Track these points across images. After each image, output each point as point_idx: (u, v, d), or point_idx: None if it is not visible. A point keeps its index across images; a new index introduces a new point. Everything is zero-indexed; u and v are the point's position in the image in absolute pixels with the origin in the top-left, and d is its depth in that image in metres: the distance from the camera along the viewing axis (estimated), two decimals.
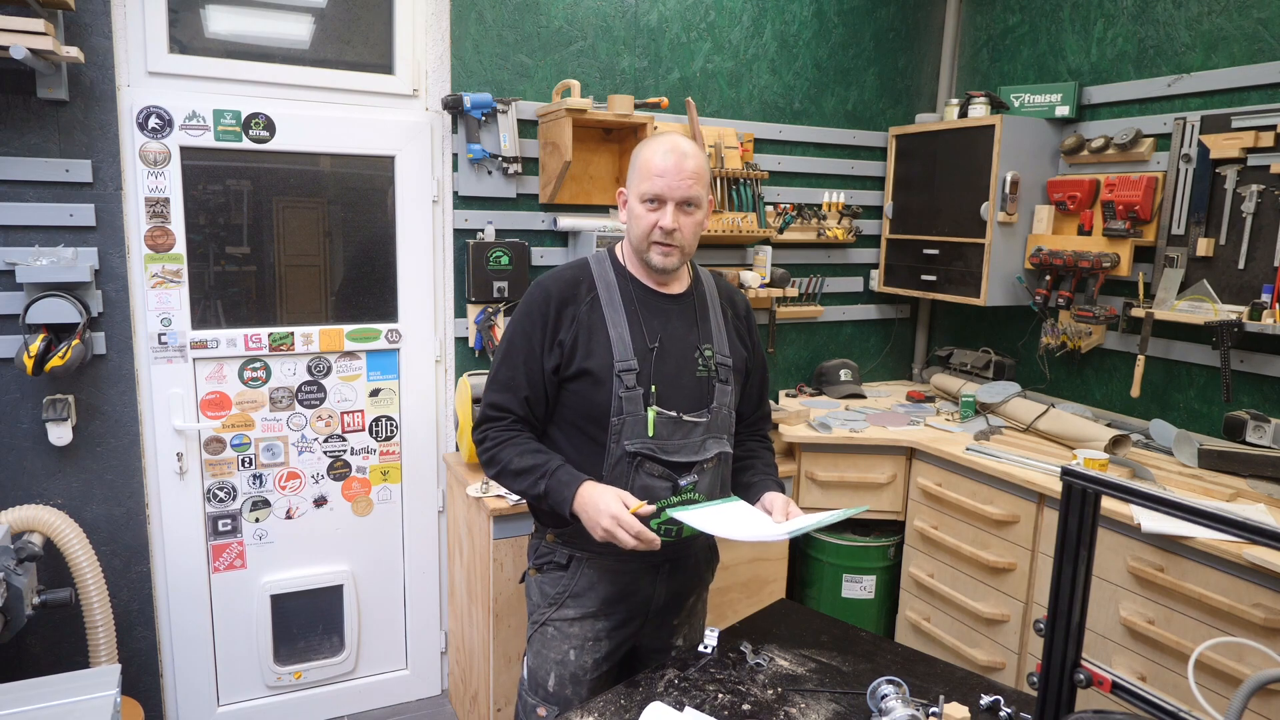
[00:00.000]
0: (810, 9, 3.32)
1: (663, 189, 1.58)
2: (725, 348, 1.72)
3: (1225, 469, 2.42)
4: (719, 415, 1.68)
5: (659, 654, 1.75)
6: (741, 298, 1.85)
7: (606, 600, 1.68)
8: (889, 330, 3.78)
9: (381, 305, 2.79)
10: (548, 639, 1.70)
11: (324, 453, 2.76)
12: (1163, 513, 1.00)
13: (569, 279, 1.67)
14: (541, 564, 1.72)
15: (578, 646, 1.68)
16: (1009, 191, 2.98)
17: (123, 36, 2.35)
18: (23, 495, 2.35)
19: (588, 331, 1.62)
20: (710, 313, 1.74)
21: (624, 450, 1.59)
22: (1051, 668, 1.13)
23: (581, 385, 1.61)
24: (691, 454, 1.63)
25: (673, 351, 1.65)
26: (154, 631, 2.59)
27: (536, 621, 1.73)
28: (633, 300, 1.66)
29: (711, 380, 1.68)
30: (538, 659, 1.71)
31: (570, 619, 1.68)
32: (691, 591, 1.80)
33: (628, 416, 1.58)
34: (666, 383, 1.62)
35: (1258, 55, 2.52)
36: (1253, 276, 2.50)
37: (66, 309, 2.24)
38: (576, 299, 1.64)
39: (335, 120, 2.63)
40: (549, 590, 1.71)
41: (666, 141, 1.61)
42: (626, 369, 1.59)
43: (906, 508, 2.93)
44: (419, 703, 2.99)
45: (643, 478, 1.59)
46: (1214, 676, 1.95)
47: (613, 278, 1.67)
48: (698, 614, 1.84)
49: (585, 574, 1.68)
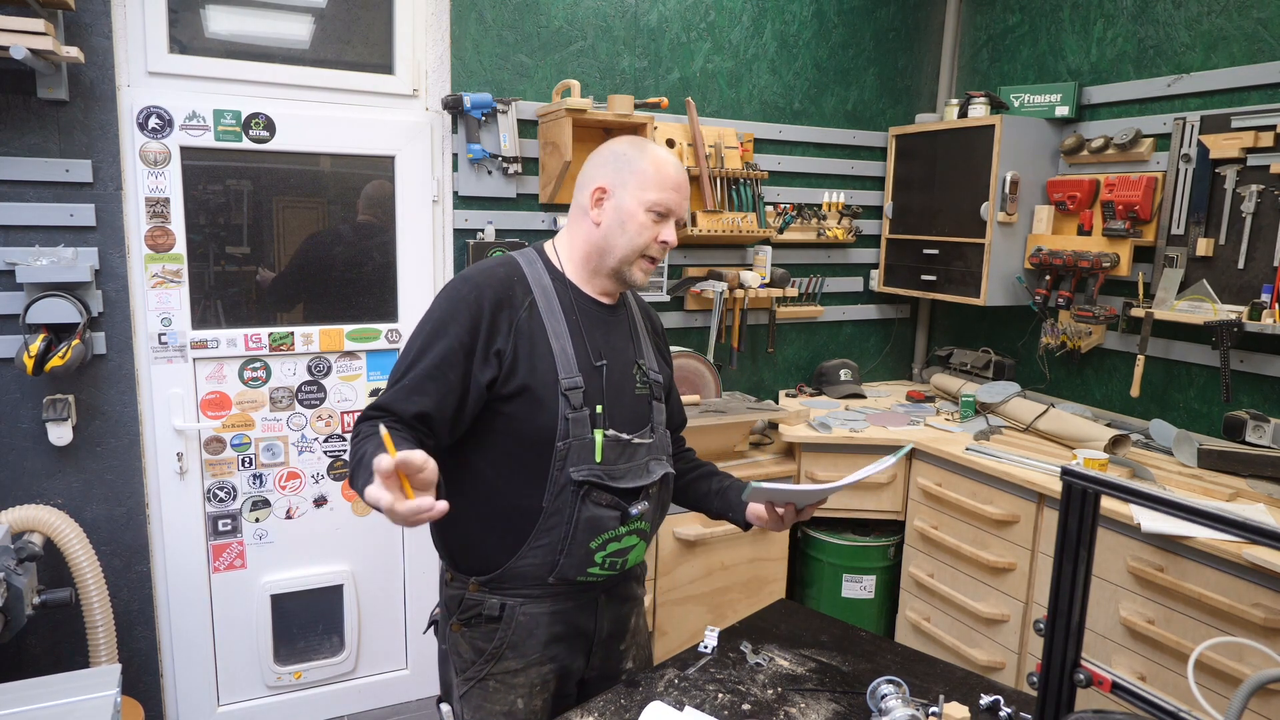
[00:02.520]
0: (810, 9, 3.32)
1: (675, 204, 1.47)
2: (654, 363, 1.60)
3: (1225, 469, 2.42)
4: (660, 434, 1.56)
5: (609, 680, 1.60)
6: (655, 314, 1.73)
7: (548, 643, 1.50)
8: (889, 330, 3.78)
9: (381, 305, 2.79)
10: (490, 692, 1.50)
11: (324, 452, 2.76)
12: (1163, 513, 1.00)
13: (502, 277, 1.45)
14: (469, 619, 1.51)
15: (525, 694, 1.50)
16: (1009, 191, 2.99)
17: (123, 36, 2.35)
18: (23, 495, 2.35)
19: (529, 342, 1.41)
20: (639, 327, 1.62)
21: (569, 479, 1.41)
22: (1051, 668, 1.13)
23: (519, 405, 1.40)
24: (637, 478, 1.48)
25: (615, 367, 1.50)
26: (154, 631, 2.59)
27: (473, 678, 1.51)
28: (573, 309, 1.48)
29: (649, 398, 1.55)
30: (480, 713, 1.51)
31: (514, 670, 1.50)
32: (631, 612, 1.67)
33: (574, 440, 1.41)
34: (610, 402, 1.46)
35: (1258, 55, 2.52)
36: (1252, 276, 2.51)
37: (66, 309, 2.24)
38: (513, 303, 1.43)
39: (335, 120, 2.63)
40: (483, 645, 1.50)
41: (669, 153, 1.51)
42: (572, 386, 1.41)
43: (906, 508, 2.93)
44: (419, 703, 2.99)
45: (590, 508, 1.43)
46: (1214, 676, 1.96)
47: (548, 282, 1.48)
48: (641, 631, 1.71)
49: (520, 622, 1.48)
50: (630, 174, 1.47)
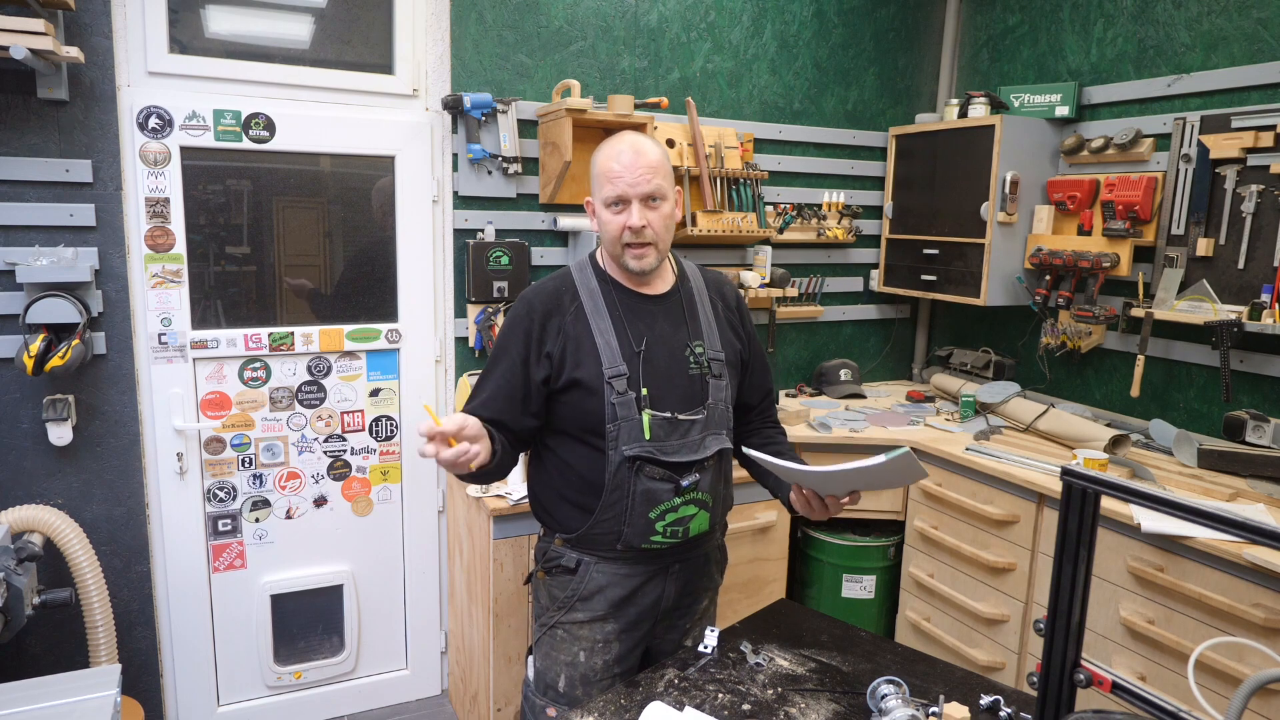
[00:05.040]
0: (810, 9, 3.32)
1: (624, 189, 1.57)
2: (717, 342, 1.71)
3: (1225, 469, 2.42)
4: (715, 411, 1.67)
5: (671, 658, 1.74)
6: (732, 288, 1.83)
7: (615, 603, 1.67)
8: (889, 330, 3.78)
9: (381, 305, 2.79)
10: (557, 641, 1.70)
11: (324, 453, 2.76)
12: (1163, 513, 1.00)
13: (551, 290, 1.67)
14: (550, 567, 1.72)
15: (587, 649, 1.68)
16: (1009, 191, 2.99)
17: (123, 36, 2.35)
18: (23, 495, 2.35)
19: (575, 342, 1.61)
20: (699, 308, 1.72)
21: (623, 456, 1.58)
22: (1051, 668, 1.13)
23: (574, 396, 1.61)
24: (691, 453, 1.62)
25: (661, 352, 1.64)
26: (154, 631, 2.59)
27: (545, 624, 1.72)
28: (616, 305, 1.65)
29: (705, 377, 1.67)
30: (546, 660, 1.71)
31: (579, 622, 1.68)
32: (703, 594, 1.79)
33: (623, 422, 1.58)
34: (658, 384, 1.62)
35: (1258, 55, 2.52)
36: (1252, 276, 2.50)
37: (66, 309, 2.24)
38: (561, 310, 1.64)
39: (335, 120, 2.63)
40: (557, 594, 1.71)
41: (620, 142, 1.60)
42: (616, 375, 1.59)
43: (906, 507, 2.93)
44: (419, 703, 2.99)
45: (644, 482, 1.59)
46: (1214, 676, 1.95)
47: (595, 285, 1.67)
48: (708, 618, 1.83)
49: (593, 577, 1.67)
50: (593, 180, 1.65)
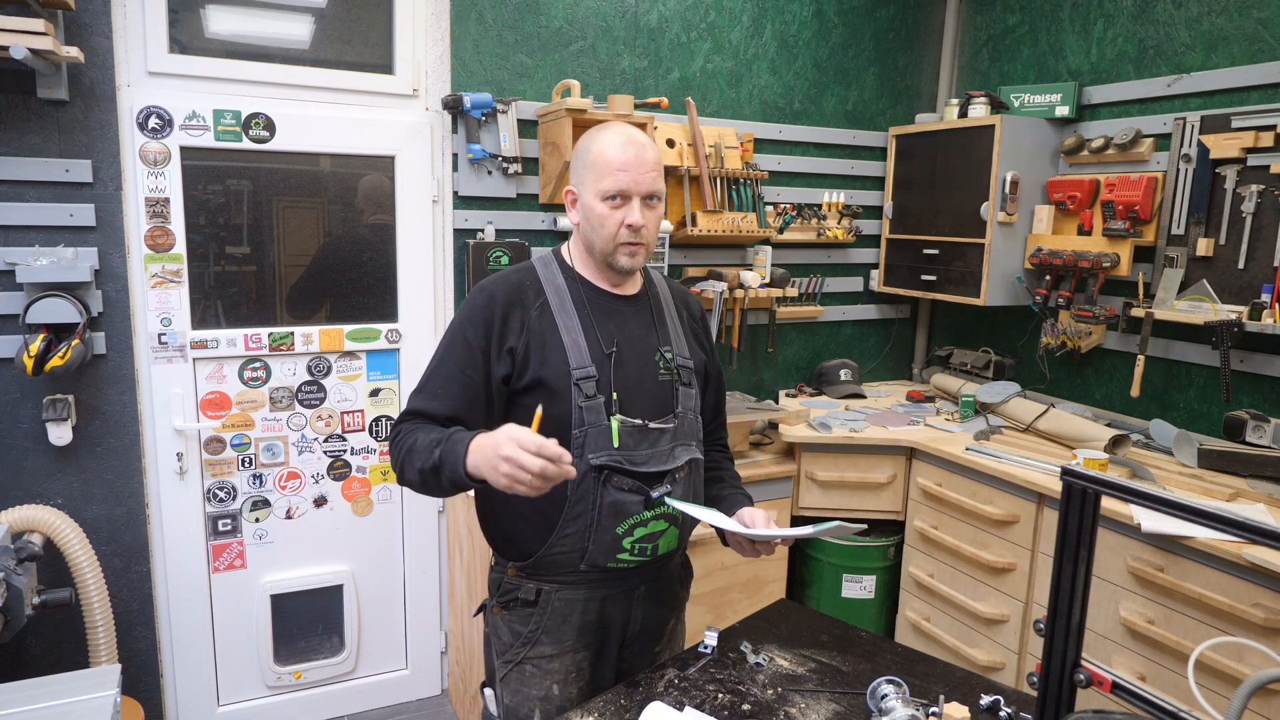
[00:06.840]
0: (810, 9, 3.32)
1: (627, 184, 1.46)
2: (685, 350, 1.61)
3: (1225, 469, 2.42)
4: (685, 420, 1.56)
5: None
6: (695, 300, 1.74)
7: (582, 630, 1.56)
8: (889, 330, 3.78)
9: (381, 305, 2.79)
10: (527, 677, 1.56)
11: (324, 453, 2.76)
12: (1163, 513, 1.00)
13: (514, 282, 1.53)
14: (506, 602, 1.58)
15: (560, 680, 1.56)
16: (1009, 191, 2.99)
17: (123, 36, 2.35)
18: (23, 495, 2.35)
19: (540, 338, 1.48)
20: (666, 314, 1.63)
21: (589, 464, 1.45)
22: (1051, 668, 1.13)
23: (536, 398, 1.45)
24: (661, 463, 1.51)
25: (632, 356, 1.53)
26: (154, 631, 2.59)
27: (510, 660, 1.58)
28: (585, 304, 1.53)
29: (674, 384, 1.56)
30: (517, 697, 1.57)
31: (549, 655, 1.56)
32: (670, 614, 1.70)
33: (590, 428, 1.46)
34: (628, 389, 1.50)
35: (1258, 55, 2.52)
36: (1252, 276, 2.50)
37: (66, 309, 2.24)
38: (524, 303, 1.51)
39: (335, 120, 2.63)
40: (520, 628, 1.57)
41: (620, 132, 1.50)
42: (585, 376, 1.47)
43: (906, 508, 2.93)
44: (419, 703, 2.99)
45: (611, 493, 1.47)
46: (1214, 676, 1.96)
47: (561, 281, 1.55)
48: (678, 636, 1.74)
49: (556, 607, 1.54)
50: (584, 169, 1.52)
